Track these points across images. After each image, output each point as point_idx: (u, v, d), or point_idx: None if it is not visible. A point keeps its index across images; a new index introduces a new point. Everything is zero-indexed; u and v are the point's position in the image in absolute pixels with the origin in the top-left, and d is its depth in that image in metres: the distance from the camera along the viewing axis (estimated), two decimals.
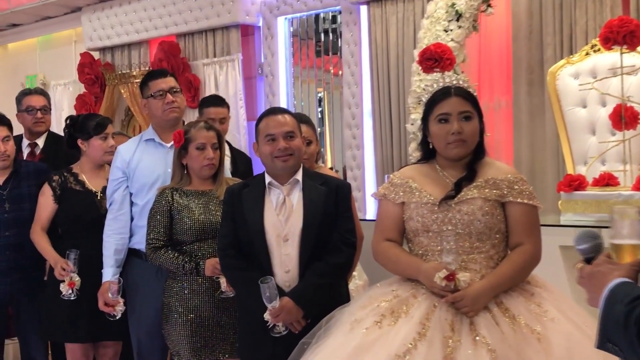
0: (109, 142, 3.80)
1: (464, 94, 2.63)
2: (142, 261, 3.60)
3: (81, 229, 3.74)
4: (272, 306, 2.82)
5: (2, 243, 3.84)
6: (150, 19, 6.77)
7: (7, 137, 3.86)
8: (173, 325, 3.34)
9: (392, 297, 2.55)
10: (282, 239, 2.92)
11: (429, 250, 2.60)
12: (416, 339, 2.37)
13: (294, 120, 3.02)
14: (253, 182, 3.07)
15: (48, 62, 8.01)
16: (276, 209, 2.96)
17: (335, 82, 6.13)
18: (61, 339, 3.88)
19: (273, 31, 6.20)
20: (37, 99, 4.67)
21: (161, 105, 3.64)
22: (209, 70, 6.45)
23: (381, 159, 5.59)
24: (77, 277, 3.60)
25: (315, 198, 2.95)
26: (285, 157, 2.94)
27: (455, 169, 2.65)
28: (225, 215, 3.07)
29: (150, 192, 3.58)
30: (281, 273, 2.92)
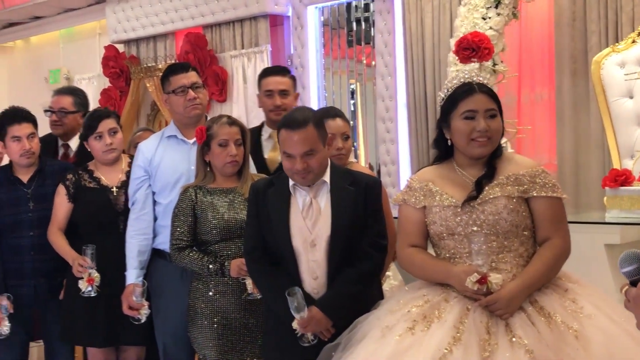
0: (105, 140, 3.80)
1: (488, 91, 2.66)
2: (167, 262, 3.64)
3: (97, 227, 3.79)
4: (301, 316, 2.83)
5: (26, 243, 3.90)
6: (176, 10, 6.82)
7: (32, 134, 3.92)
8: (199, 327, 3.37)
9: (422, 302, 2.58)
10: (309, 244, 2.91)
11: (457, 253, 2.63)
12: (451, 344, 2.40)
13: (314, 133, 2.88)
14: (279, 180, 3.02)
15: (71, 56, 8.10)
16: (302, 212, 2.93)
17: (368, 73, 6.12)
18: (79, 342, 3.95)
19: (303, 21, 6.21)
20: (57, 100, 4.66)
21: (183, 102, 3.66)
22: (237, 62, 6.48)
23: (417, 153, 5.58)
24: (95, 273, 3.64)
25: (344, 201, 2.92)
26: (304, 175, 2.89)
27: (474, 167, 2.67)
28: (251, 215, 3.06)
29: (174, 190, 3.62)
30: (309, 280, 2.92)
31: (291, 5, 6.28)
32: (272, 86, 3.98)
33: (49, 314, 3.95)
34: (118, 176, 3.86)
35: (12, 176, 3.95)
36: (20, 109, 4.02)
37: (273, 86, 3.98)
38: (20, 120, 3.90)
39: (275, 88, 3.97)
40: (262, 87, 4.04)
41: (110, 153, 3.83)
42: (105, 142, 3.81)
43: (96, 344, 3.85)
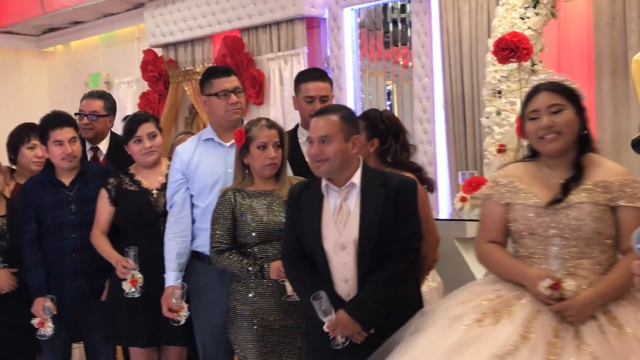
0: (144, 143, 3.84)
1: (553, 88, 2.65)
2: (205, 264, 3.66)
3: (138, 229, 3.82)
4: (328, 320, 2.84)
5: (68, 245, 3.94)
6: (213, 14, 6.87)
7: (74, 138, 3.98)
8: (239, 329, 3.39)
9: (495, 296, 2.59)
10: (339, 247, 2.91)
11: (535, 253, 2.63)
12: (518, 341, 2.41)
13: (337, 123, 2.93)
14: (313, 183, 3.04)
15: (111, 60, 8.19)
16: (333, 214, 2.94)
17: (405, 74, 6.11)
18: (122, 343, 3.98)
19: (339, 23, 6.23)
20: (88, 103, 4.68)
21: (224, 106, 3.68)
22: (274, 65, 6.52)
23: (454, 154, 5.56)
24: (139, 274, 3.67)
25: (373, 203, 2.90)
26: (318, 163, 2.92)
27: (561, 167, 2.66)
28: (288, 218, 3.10)
29: (212, 193, 3.64)
30: (340, 283, 2.92)
31: (327, 7, 6.30)
32: (313, 92, 3.89)
33: (91, 315, 3.99)
34: (158, 179, 3.90)
35: (55, 179, 4.01)
36: (62, 113, 4.08)
37: (314, 92, 3.89)
38: (62, 125, 3.96)
39: (316, 94, 3.88)
40: (302, 92, 3.94)
41: (149, 156, 3.88)
42: (144, 146, 3.85)
43: (138, 344, 3.88)
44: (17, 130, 4.47)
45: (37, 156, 4.36)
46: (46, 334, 3.85)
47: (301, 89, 3.95)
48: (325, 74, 4.13)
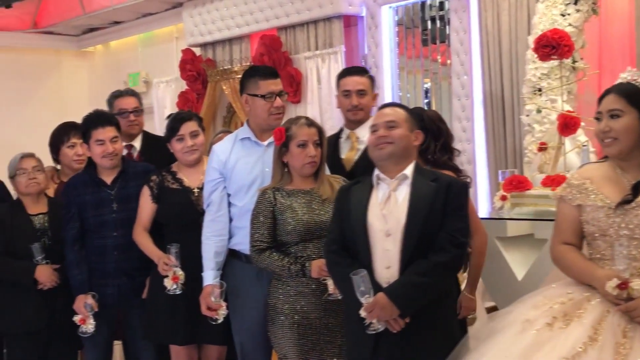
0: (186, 142, 3.87)
1: (620, 91, 2.68)
2: (243, 263, 3.67)
3: (180, 226, 3.85)
4: (366, 300, 2.84)
5: (110, 243, 3.98)
6: (251, 13, 6.89)
7: (115, 138, 4.02)
8: (279, 327, 3.39)
9: (566, 299, 2.63)
10: (384, 234, 2.94)
11: (606, 255, 2.66)
12: (587, 343, 2.44)
13: (403, 113, 3.05)
14: (365, 178, 3.11)
15: (150, 60, 8.25)
16: (381, 203, 2.99)
17: (443, 72, 6.08)
18: (160, 340, 4.00)
19: (377, 21, 6.21)
20: (129, 100, 4.73)
21: (269, 109, 3.67)
22: (311, 63, 6.52)
23: (494, 153, 5.51)
24: (180, 271, 3.70)
25: (423, 194, 2.94)
26: (382, 145, 2.98)
27: (632, 168, 2.68)
28: (335, 211, 3.15)
29: (249, 192, 3.65)
30: (381, 269, 2.94)
31: (365, 5, 6.29)
32: (350, 86, 3.90)
33: (132, 313, 4.04)
34: (200, 177, 3.92)
35: (97, 178, 4.05)
36: (104, 112, 4.13)
37: (351, 86, 3.89)
38: (104, 124, 4.00)
39: (352, 88, 3.88)
40: (340, 88, 3.97)
41: (191, 155, 3.90)
42: (186, 144, 3.88)
43: (177, 341, 3.91)
44: (57, 129, 4.54)
45: (77, 154, 4.42)
46: (88, 331, 3.90)
47: (340, 85, 3.97)
48: (363, 69, 4.16)
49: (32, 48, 8.65)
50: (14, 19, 8.22)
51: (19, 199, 4.23)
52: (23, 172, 4.14)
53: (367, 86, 3.94)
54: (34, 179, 4.14)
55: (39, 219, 4.16)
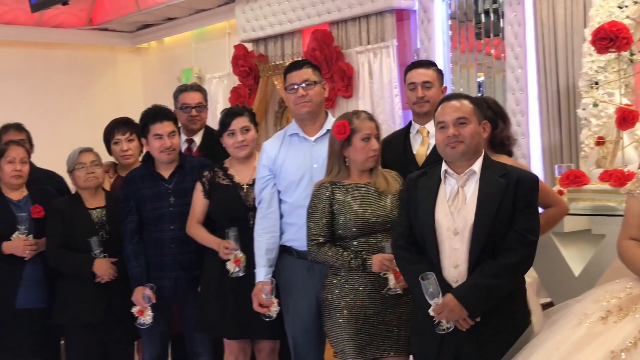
0: (237, 137, 3.90)
1: None
2: (294, 258, 3.69)
3: (229, 221, 3.87)
4: (435, 303, 2.84)
5: (167, 236, 4.04)
6: (303, 8, 6.90)
7: (173, 132, 4.07)
8: (336, 322, 3.39)
9: (624, 294, 2.62)
10: (452, 232, 2.91)
11: None
12: (637, 338, 2.42)
13: (470, 107, 2.99)
14: (431, 170, 3.08)
15: (202, 55, 8.32)
16: (448, 200, 2.96)
17: (497, 66, 6.00)
18: (212, 334, 4.04)
19: (430, 14, 6.17)
20: (192, 95, 4.77)
21: (293, 99, 3.70)
22: (363, 58, 6.50)
23: (549, 147, 5.44)
24: (241, 254, 3.74)
25: (492, 191, 2.90)
26: (454, 144, 2.94)
27: None
28: (401, 203, 3.15)
29: (298, 188, 3.67)
30: (449, 268, 2.92)
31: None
32: (415, 78, 3.83)
33: (188, 305, 4.08)
34: (250, 173, 3.95)
35: (155, 172, 4.11)
36: (162, 107, 4.17)
37: (416, 78, 3.83)
38: (162, 119, 4.06)
39: (417, 80, 3.82)
40: (407, 81, 3.91)
41: (241, 150, 3.93)
42: (236, 139, 3.91)
43: (227, 335, 3.95)
44: (107, 126, 4.62)
45: (122, 150, 4.50)
46: (145, 322, 3.96)
47: (406, 79, 3.92)
48: (430, 62, 4.10)
49: (88, 44, 8.79)
50: (70, 15, 8.37)
51: (77, 193, 4.31)
52: (82, 167, 4.21)
53: (434, 78, 3.85)
54: (92, 173, 4.21)
55: (97, 213, 4.23)
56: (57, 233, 4.18)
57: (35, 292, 4.26)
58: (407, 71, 3.95)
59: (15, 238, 4.17)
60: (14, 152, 4.30)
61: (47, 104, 8.32)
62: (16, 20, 8.14)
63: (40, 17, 8.14)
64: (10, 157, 4.28)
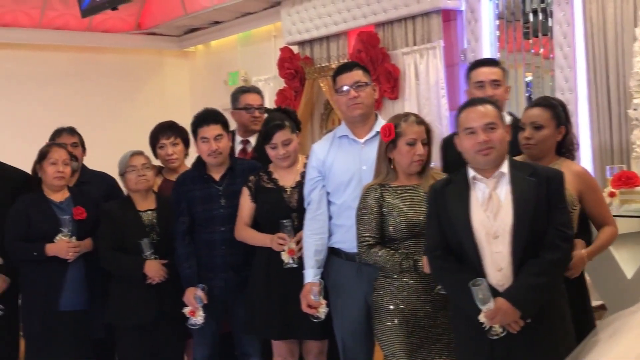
0: (279, 151, 3.91)
1: None
2: (343, 260, 3.70)
3: (273, 223, 3.89)
4: (487, 308, 2.82)
5: (217, 238, 4.07)
6: (348, 10, 6.91)
7: (219, 135, 4.10)
8: (386, 325, 3.37)
9: None
10: (491, 236, 2.90)
11: None
12: None
13: (496, 111, 2.98)
14: (457, 177, 3.05)
15: (248, 58, 8.38)
16: (482, 205, 2.94)
17: (546, 66, 5.95)
18: (259, 334, 4.06)
19: (477, 15, 6.13)
20: (255, 97, 4.87)
21: (345, 102, 3.70)
22: (409, 59, 6.48)
23: (599, 147, 5.37)
24: (293, 245, 3.76)
25: (526, 191, 2.89)
26: (486, 151, 2.92)
27: None
28: (430, 214, 3.10)
29: (347, 190, 3.67)
30: (493, 272, 2.90)
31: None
32: (483, 77, 3.77)
33: (237, 306, 4.11)
34: (294, 177, 3.98)
35: (206, 174, 4.15)
36: (210, 111, 4.21)
37: (484, 77, 3.77)
38: (208, 122, 4.10)
39: (486, 79, 3.76)
40: (472, 80, 3.85)
41: (283, 162, 3.96)
42: (278, 153, 3.93)
43: (272, 336, 3.98)
44: (152, 130, 4.68)
45: (167, 154, 4.55)
46: (197, 323, 4.00)
47: (471, 77, 3.87)
48: (495, 60, 4.04)
49: (136, 49, 8.91)
50: (118, 20, 8.50)
51: (128, 196, 4.37)
52: (133, 169, 4.27)
53: (501, 77, 3.81)
54: (143, 175, 4.26)
55: (148, 215, 4.28)
56: (109, 235, 4.24)
57: (77, 293, 4.31)
58: (471, 69, 3.89)
59: (58, 240, 4.22)
60: (56, 154, 4.36)
61: (96, 108, 8.45)
62: (66, 25, 8.29)
63: (90, 22, 8.28)
64: (52, 158, 4.34)
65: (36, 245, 4.23)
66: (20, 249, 4.28)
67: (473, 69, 3.88)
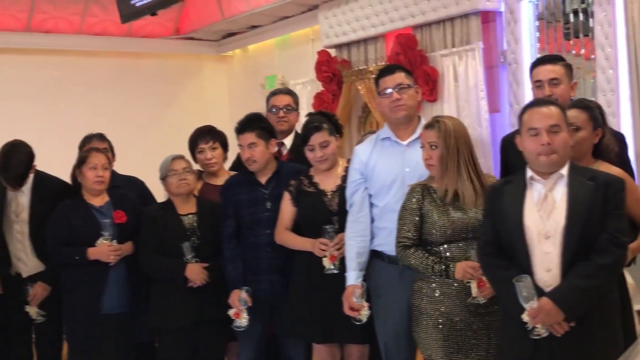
0: (316, 153, 3.95)
1: None
2: (385, 263, 3.70)
3: (314, 227, 3.92)
4: (530, 306, 2.80)
5: (263, 241, 4.12)
6: (386, 12, 6.90)
7: (253, 144, 4.15)
8: (424, 328, 3.40)
9: None
10: (542, 236, 2.89)
11: None
12: None
13: (560, 113, 2.97)
14: (516, 177, 3.06)
15: (286, 62, 8.40)
16: (537, 204, 2.94)
17: (587, 67, 5.87)
18: (300, 338, 4.09)
19: (516, 16, 6.08)
20: (281, 98, 4.91)
21: (388, 104, 3.71)
22: (447, 61, 6.45)
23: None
24: (335, 251, 3.78)
25: (581, 194, 2.88)
26: (548, 154, 2.91)
27: None
28: (486, 212, 3.12)
29: (389, 192, 3.68)
30: (541, 272, 2.89)
31: (504, 0, 6.17)
32: (542, 75, 3.71)
33: (282, 309, 4.13)
34: (334, 181, 4.01)
35: (252, 178, 4.20)
36: (247, 118, 4.26)
37: (542, 75, 3.70)
38: (242, 131, 4.17)
39: (544, 77, 3.69)
40: (532, 78, 3.78)
41: (321, 165, 3.99)
42: (315, 155, 3.95)
43: (314, 339, 3.99)
44: (191, 135, 4.74)
45: (207, 158, 4.59)
46: (241, 325, 4.04)
47: (532, 76, 3.81)
48: (558, 57, 3.93)
49: (175, 54, 8.98)
50: (157, 26, 8.58)
51: (169, 200, 4.42)
52: (174, 173, 4.32)
53: (562, 74, 3.72)
54: (184, 179, 4.32)
55: (189, 219, 4.33)
56: (150, 239, 4.29)
57: (119, 296, 4.38)
58: (532, 68, 3.84)
59: (99, 244, 4.29)
60: (95, 159, 4.43)
61: (135, 113, 8.55)
62: (106, 31, 8.39)
63: (129, 28, 8.38)
64: (92, 163, 4.41)
65: (78, 249, 4.29)
66: (62, 254, 4.35)
67: (534, 67, 3.81)
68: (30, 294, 4.56)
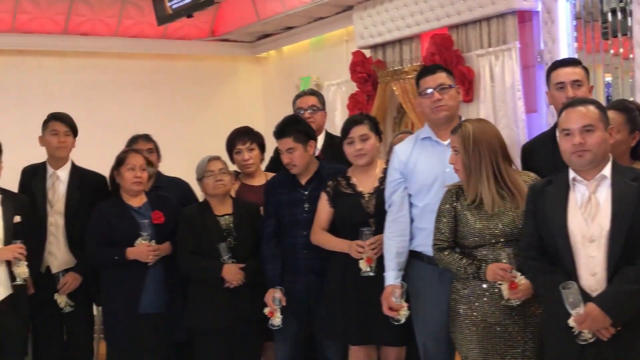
0: (355, 146, 3.93)
1: None
2: (424, 264, 3.69)
3: (350, 229, 3.92)
4: (576, 313, 2.79)
5: (300, 242, 4.14)
6: (421, 12, 6.88)
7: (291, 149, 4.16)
8: (460, 329, 3.39)
9: None
10: (587, 240, 2.86)
11: None
12: None
13: (597, 112, 2.94)
14: (557, 178, 3.04)
15: (320, 63, 8.41)
16: (580, 207, 2.91)
17: (625, 66, 5.81)
18: (336, 339, 4.09)
19: (554, 15, 6.03)
20: (306, 99, 4.93)
21: (429, 104, 3.70)
22: (484, 61, 6.41)
23: None
24: (368, 253, 3.78)
25: (626, 196, 2.85)
26: (580, 153, 2.89)
27: None
28: (528, 214, 3.09)
29: (429, 192, 3.66)
30: (586, 276, 2.87)
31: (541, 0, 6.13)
32: (564, 77, 3.69)
33: (319, 310, 4.13)
34: (372, 183, 4.01)
35: (293, 179, 4.23)
36: (284, 122, 4.28)
37: (564, 77, 3.69)
38: (280, 136, 4.19)
39: (567, 79, 3.68)
40: (552, 81, 3.76)
41: (360, 159, 3.97)
42: (355, 148, 3.95)
43: (350, 341, 3.99)
44: (229, 136, 4.76)
45: (244, 159, 4.62)
46: (275, 324, 4.06)
47: (551, 78, 3.80)
48: (576, 60, 3.94)
49: (210, 55, 9.03)
50: (193, 27, 8.65)
51: (206, 201, 4.46)
52: (210, 174, 4.35)
53: (583, 77, 3.73)
54: (220, 180, 4.35)
55: (225, 220, 4.36)
56: (188, 239, 4.33)
57: (157, 296, 4.42)
58: (551, 70, 3.83)
59: (138, 244, 4.34)
60: (133, 160, 4.48)
61: (172, 114, 8.62)
62: (142, 33, 8.48)
63: (165, 30, 8.45)
64: (130, 164, 4.46)
65: (117, 249, 4.35)
66: (102, 254, 4.41)
67: (553, 69, 3.81)
68: (60, 282, 4.61)
